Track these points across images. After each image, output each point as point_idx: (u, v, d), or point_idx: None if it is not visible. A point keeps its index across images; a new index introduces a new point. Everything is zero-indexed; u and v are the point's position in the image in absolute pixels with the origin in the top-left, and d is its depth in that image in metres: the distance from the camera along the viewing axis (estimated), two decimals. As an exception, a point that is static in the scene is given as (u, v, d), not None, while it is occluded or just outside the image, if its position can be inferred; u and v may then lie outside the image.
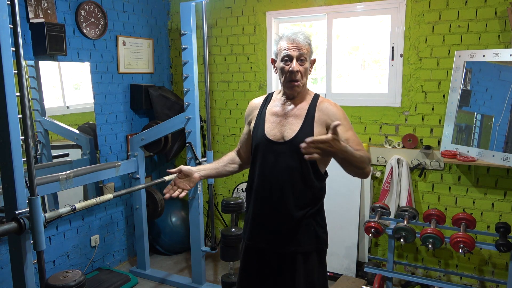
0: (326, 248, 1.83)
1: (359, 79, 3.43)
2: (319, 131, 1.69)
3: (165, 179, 2.92)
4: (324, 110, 1.72)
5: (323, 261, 1.82)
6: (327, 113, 1.71)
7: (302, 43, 1.68)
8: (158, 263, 3.70)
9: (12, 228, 1.76)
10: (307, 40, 1.70)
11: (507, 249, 2.39)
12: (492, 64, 2.72)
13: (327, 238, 1.82)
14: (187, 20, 3.00)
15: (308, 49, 1.71)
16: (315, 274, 1.75)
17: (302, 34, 1.70)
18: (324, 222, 1.83)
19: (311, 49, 1.72)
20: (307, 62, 1.70)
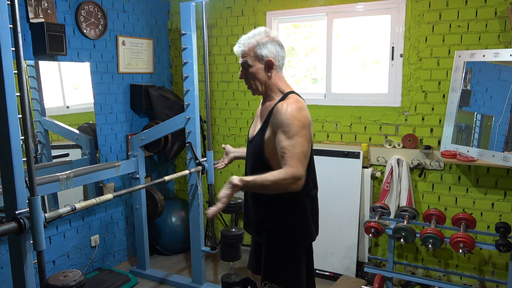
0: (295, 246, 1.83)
1: (359, 79, 3.43)
2: (268, 135, 1.75)
3: (165, 179, 2.92)
4: (275, 113, 1.72)
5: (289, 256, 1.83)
6: (275, 117, 1.72)
7: (241, 51, 1.79)
8: (158, 263, 3.70)
9: (12, 228, 1.76)
10: (244, 47, 1.78)
11: (507, 249, 2.39)
12: (492, 64, 2.72)
13: (298, 237, 1.83)
14: (187, 20, 3.00)
15: (250, 52, 1.77)
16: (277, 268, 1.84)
17: (240, 43, 1.80)
18: (297, 221, 1.83)
19: (256, 51, 1.76)
20: (252, 67, 1.77)
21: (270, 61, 1.77)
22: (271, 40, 1.79)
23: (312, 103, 3.49)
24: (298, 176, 1.61)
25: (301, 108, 1.70)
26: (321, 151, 3.34)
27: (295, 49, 3.71)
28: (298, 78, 3.73)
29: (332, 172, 3.29)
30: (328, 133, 3.47)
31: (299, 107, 1.70)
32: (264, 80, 1.80)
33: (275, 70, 1.80)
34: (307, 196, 1.85)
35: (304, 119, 1.67)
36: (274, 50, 1.78)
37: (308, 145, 1.68)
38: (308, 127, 1.69)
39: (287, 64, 3.69)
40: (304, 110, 1.71)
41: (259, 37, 1.78)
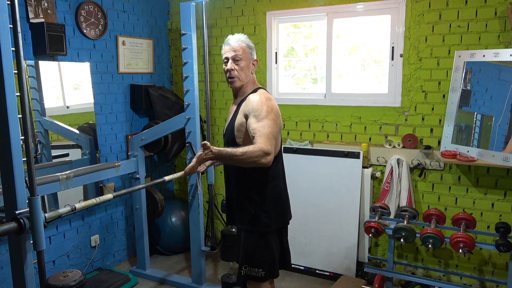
0: (268, 230, 2.03)
1: (359, 79, 3.43)
2: (239, 119, 2.00)
3: (165, 179, 2.92)
4: (246, 102, 2.00)
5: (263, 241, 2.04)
6: (247, 103, 1.98)
7: (235, 45, 2.06)
8: (158, 263, 3.70)
9: (12, 228, 1.76)
10: (239, 43, 2.06)
11: (507, 249, 2.39)
12: (492, 64, 2.72)
13: (270, 221, 2.03)
14: (187, 20, 3.00)
15: (244, 50, 2.06)
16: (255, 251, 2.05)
17: (236, 38, 2.08)
18: (268, 206, 2.03)
19: (248, 50, 2.07)
20: (242, 61, 2.05)
21: (256, 61, 2.14)
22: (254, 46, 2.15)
23: (312, 103, 3.50)
24: (266, 151, 1.81)
25: (270, 98, 1.99)
26: (321, 151, 3.34)
27: (295, 49, 3.71)
28: (298, 78, 3.73)
29: (332, 172, 3.29)
30: (328, 133, 3.47)
31: (267, 97, 1.98)
32: (248, 74, 2.09)
33: (254, 70, 2.14)
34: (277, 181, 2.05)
35: (272, 106, 1.95)
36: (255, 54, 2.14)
37: (276, 127, 1.92)
38: (275, 113, 1.95)
39: (287, 64, 3.70)
40: (272, 100, 1.99)
41: (249, 40, 2.12)
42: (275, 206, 2.06)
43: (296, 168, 3.41)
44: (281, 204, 2.09)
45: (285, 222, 2.13)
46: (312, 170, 3.35)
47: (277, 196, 2.07)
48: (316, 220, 3.34)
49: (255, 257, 2.05)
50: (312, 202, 3.35)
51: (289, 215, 2.18)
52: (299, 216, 3.39)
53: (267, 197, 2.03)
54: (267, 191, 2.03)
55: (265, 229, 2.04)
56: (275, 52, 3.64)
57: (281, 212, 2.09)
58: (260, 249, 2.05)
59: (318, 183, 3.34)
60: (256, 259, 2.05)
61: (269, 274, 2.07)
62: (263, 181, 2.03)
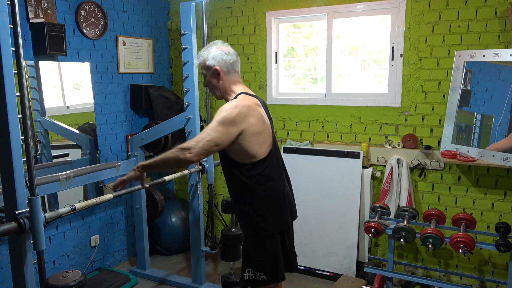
0: (266, 233, 2.01)
1: (359, 79, 3.43)
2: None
3: (165, 179, 2.91)
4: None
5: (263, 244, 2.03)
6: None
7: (196, 65, 2.19)
8: (158, 263, 3.70)
9: (12, 228, 1.76)
10: (198, 60, 2.12)
11: (507, 249, 2.39)
12: (492, 64, 2.72)
13: (266, 224, 2.00)
14: (187, 20, 3.00)
15: (203, 65, 2.09)
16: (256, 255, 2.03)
17: (198, 55, 2.12)
18: (263, 210, 2.01)
19: (206, 63, 2.08)
20: (207, 76, 2.11)
21: (216, 69, 2.06)
22: (219, 50, 2.07)
23: (312, 103, 3.50)
24: (185, 147, 1.87)
25: (237, 106, 1.93)
26: (321, 151, 3.34)
27: (295, 49, 3.71)
28: (298, 78, 3.73)
29: (332, 172, 3.29)
30: (328, 133, 3.47)
31: (235, 105, 1.94)
32: (217, 85, 2.10)
33: (225, 75, 2.08)
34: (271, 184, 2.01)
35: (232, 114, 1.90)
36: (220, 60, 2.06)
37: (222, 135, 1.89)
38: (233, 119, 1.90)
39: (287, 64, 3.70)
40: (239, 107, 1.93)
41: (209, 50, 2.09)
42: (271, 210, 2.01)
43: (296, 168, 3.41)
44: (277, 207, 2.03)
45: (284, 225, 2.07)
46: (312, 170, 3.35)
47: (272, 199, 2.02)
48: (316, 220, 3.34)
49: (257, 261, 2.03)
50: (312, 202, 3.35)
51: (289, 218, 2.11)
52: (299, 216, 3.35)
53: (260, 200, 2.00)
54: (260, 194, 2.00)
55: (262, 233, 2.00)
56: (275, 52, 3.64)
57: (278, 215, 2.03)
58: (260, 253, 2.02)
59: (318, 183, 3.34)
60: (258, 263, 2.02)
61: (272, 278, 2.04)
62: (253, 184, 1.99)
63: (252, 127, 1.93)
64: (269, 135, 2.03)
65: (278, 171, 2.07)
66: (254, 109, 1.97)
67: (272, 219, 2.01)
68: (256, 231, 2.02)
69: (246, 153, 1.96)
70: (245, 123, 1.91)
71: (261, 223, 1.99)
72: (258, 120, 1.96)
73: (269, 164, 2.01)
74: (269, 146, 2.02)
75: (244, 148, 1.94)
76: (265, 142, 1.99)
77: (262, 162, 1.98)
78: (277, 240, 2.03)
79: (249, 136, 1.92)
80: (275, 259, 2.03)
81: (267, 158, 2.00)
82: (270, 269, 2.02)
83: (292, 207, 2.15)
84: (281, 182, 2.07)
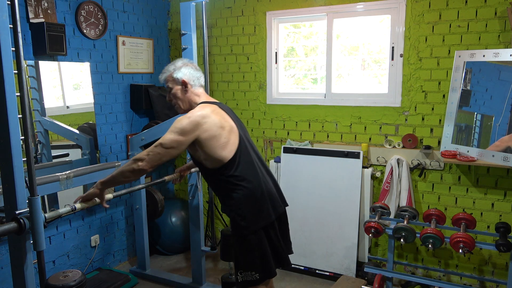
0: (247, 231, 2.04)
1: (359, 79, 3.43)
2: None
3: (165, 179, 2.91)
4: None
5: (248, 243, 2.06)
6: None
7: (162, 80, 2.23)
8: (158, 263, 3.70)
9: (12, 228, 1.76)
10: (164, 75, 2.21)
11: (507, 249, 2.39)
12: (492, 64, 2.72)
13: (246, 223, 2.04)
14: (187, 20, 3.00)
15: (169, 79, 2.19)
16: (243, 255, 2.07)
17: (163, 72, 2.23)
18: (241, 208, 2.05)
19: (173, 77, 2.17)
20: (173, 89, 2.18)
21: (183, 81, 2.16)
22: (185, 65, 2.20)
23: (312, 103, 3.50)
24: (137, 158, 2.00)
25: (190, 116, 2.01)
26: (321, 151, 3.34)
27: (295, 49, 3.71)
28: (298, 78, 3.73)
29: (332, 172, 3.29)
30: (328, 133, 3.47)
31: (189, 115, 2.02)
32: (182, 98, 2.18)
33: (191, 88, 2.17)
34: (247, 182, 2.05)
35: (183, 124, 1.98)
36: (187, 73, 2.17)
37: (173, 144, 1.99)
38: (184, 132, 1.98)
39: (287, 64, 3.70)
40: (192, 117, 2.00)
41: (175, 64, 2.20)
42: (249, 207, 2.04)
43: (296, 168, 3.41)
44: (256, 204, 2.06)
45: (265, 221, 2.07)
46: (312, 170, 3.35)
47: (249, 197, 2.05)
48: (316, 220, 3.34)
49: (246, 260, 2.06)
50: (312, 202, 3.35)
51: (271, 212, 2.10)
52: (299, 216, 3.39)
53: (238, 199, 2.05)
54: (237, 194, 2.04)
55: (243, 231, 2.04)
56: (275, 52, 3.64)
57: (257, 212, 2.05)
58: (247, 252, 2.05)
59: (318, 183, 3.34)
60: (247, 262, 2.06)
61: (264, 275, 2.06)
62: (229, 186, 2.06)
63: (207, 132, 2.00)
64: (231, 137, 2.07)
65: (251, 168, 2.10)
66: (208, 115, 2.03)
67: (251, 217, 2.04)
68: (238, 230, 2.06)
69: (212, 158, 2.04)
70: (198, 130, 1.99)
71: (241, 222, 2.04)
72: (212, 125, 2.02)
73: (239, 164, 2.06)
74: (234, 147, 2.06)
75: (209, 154, 2.03)
76: (227, 144, 2.04)
77: (231, 164, 2.04)
78: (261, 236, 2.05)
79: (207, 141, 2.00)
80: (262, 255, 2.05)
81: (235, 158, 2.05)
82: (260, 267, 2.05)
83: (275, 200, 2.14)
84: (256, 179, 2.09)
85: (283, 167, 3.48)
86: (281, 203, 2.19)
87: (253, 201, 2.05)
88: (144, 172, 2.02)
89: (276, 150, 3.71)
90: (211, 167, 2.07)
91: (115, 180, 2.08)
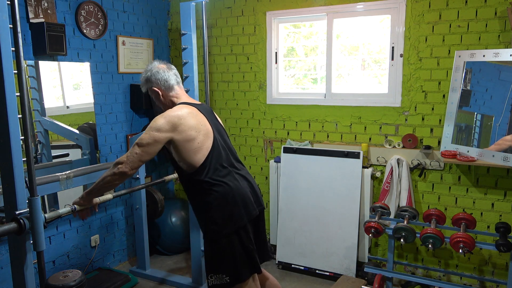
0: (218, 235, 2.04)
1: (359, 79, 3.43)
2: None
3: (165, 179, 2.92)
4: None
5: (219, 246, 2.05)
6: None
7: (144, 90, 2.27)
8: (158, 263, 3.70)
9: (12, 228, 1.76)
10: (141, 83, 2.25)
11: (507, 249, 2.39)
12: (492, 64, 2.72)
13: (217, 227, 2.04)
14: (187, 20, 3.00)
15: (144, 86, 2.23)
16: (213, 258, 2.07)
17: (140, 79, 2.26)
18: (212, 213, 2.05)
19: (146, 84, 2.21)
20: (151, 94, 2.23)
21: (152, 89, 2.20)
22: (154, 70, 2.20)
23: (312, 103, 3.50)
24: (117, 161, 2.00)
25: (166, 116, 2.01)
26: (321, 151, 3.34)
27: (295, 49, 3.71)
28: (298, 78, 3.73)
29: (332, 172, 3.29)
30: (328, 133, 3.47)
31: (164, 115, 2.02)
32: (160, 101, 2.22)
33: (164, 92, 2.19)
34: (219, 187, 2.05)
35: (158, 124, 1.98)
36: (154, 80, 2.18)
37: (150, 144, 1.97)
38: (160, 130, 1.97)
39: (287, 64, 3.70)
40: (167, 117, 2.00)
41: (145, 73, 2.22)
42: (221, 212, 2.03)
43: (296, 168, 3.41)
44: (227, 208, 2.04)
45: (236, 225, 2.04)
46: (312, 170, 3.35)
47: (220, 202, 2.04)
48: (316, 220, 3.34)
49: (215, 264, 2.06)
50: (312, 202, 3.35)
51: (244, 215, 2.07)
52: (299, 216, 3.39)
53: (209, 205, 2.04)
54: (208, 199, 2.04)
55: (214, 235, 2.04)
56: (275, 52, 3.64)
57: (229, 216, 2.04)
58: (217, 255, 2.05)
59: (318, 183, 3.34)
60: (217, 266, 2.05)
61: (234, 279, 2.05)
62: (200, 190, 2.06)
63: (181, 134, 1.99)
64: (205, 142, 2.06)
65: (223, 173, 2.08)
66: (184, 117, 2.02)
67: (222, 221, 2.03)
68: (209, 234, 2.06)
69: (186, 162, 2.04)
70: (173, 130, 1.99)
71: (213, 226, 2.04)
72: (187, 128, 2.01)
73: (209, 169, 2.04)
74: (206, 152, 2.05)
75: (182, 157, 2.03)
76: (200, 149, 2.04)
77: (202, 169, 2.03)
78: (233, 240, 2.04)
79: (181, 144, 2.00)
80: (233, 259, 2.04)
81: (205, 163, 2.03)
82: (231, 270, 2.04)
83: (248, 204, 2.10)
84: (228, 184, 2.07)
85: (283, 167, 3.48)
86: (256, 206, 2.16)
87: (223, 205, 2.04)
88: (125, 174, 1.99)
89: (276, 150, 3.71)
90: (185, 171, 2.07)
91: (99, 187, 2.05)
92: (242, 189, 2.11)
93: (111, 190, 2.19)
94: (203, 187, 2.05)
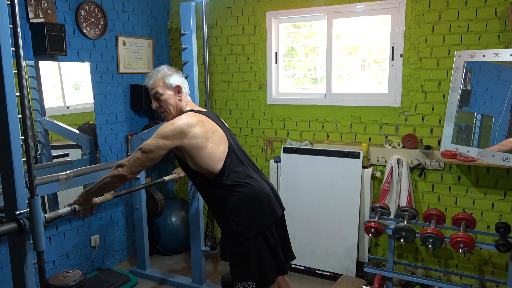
0: (244, 238, 2.00)
1: (359, 79, 3.43)
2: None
3: (165, 179, 2.92)
4: None
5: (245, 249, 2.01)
6: None
7: (150, 85, 2.14)
8: (158, 263, 3.70)
9: (12, 228, 1.76)
10: (153, 79, 2.13)
11: (507, 249, 2.39)
12: (492, 64, 2.72)
13: (242, 229, 2.00)
14: (187, 20, 3.00)
15: (160, 83, 2.11)
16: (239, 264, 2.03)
17: (149, 77, 2.15)
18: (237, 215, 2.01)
19: (165, 81, 2.12)
20: (164, 95, 2.11)
21: (178, 86, 2.13)
22: (176, 71, 2.18)
23: (312, 103, 3.50)
24: (118, 164, 1.98)
25: (174, 123, 1.97)
26: (321, 151, 3.34)
27: (295, 49, 3.71)
28: (298, 78, 3.73)
29: (332, 172, 3.29)
30: (328, 133, 3.47)
31: (172, 122, 1.98)
32: (175, 103, 2.13)
33: (183, 94, 2.15)
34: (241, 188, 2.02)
35: (166, 130, 1.95)
36: (179, 79, 2.15)
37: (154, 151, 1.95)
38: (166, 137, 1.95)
39: (287, 64, 3.70)
40: (176, 124, 1.96)
41: (164, 70, 2.15)
42: (245, 213, 2.00)
43: (296, 168, 3.41)
44: (251, 209, 2.01)
45: (262, 225, 2.01)
46: (312, 170, 3.35)
47: (244, 203, 2.01)
48: (316, 220, 3.34)
49: (241, 270, 2.01)
50: (312, 202, 3.35)
51: (268, 216, 2.05)
52: (299, 216, 3.39)
53: (233, 207, 2.00)
54: (231, 201, 2.01)
55: (240, 238, 1.98)
56: (275, 52, 3.64)
57: (253, 217, 2.00)
58: (242, 260, 2.00)
59: (318, 183, 3.34)
60: (242, 272, 2.01)
61: (261, 284, 2.01)
62: (221, 194, 2.02)
63: (192, 141, 1.96)
64: (220, 146, 2.04)
65: (243, 174, 2.07)
66: (194, 125, 1.99)
67: (247, 222, 1.99)
68: (234, 237, 2.01)
69: (204, 169, 2.01)
70: (182, 139, 1.95)
71: (237, 228, 1.99)
72: (197, 135, 1.98)
73: (230, 172, 2.02)
74: (223, 156, 2.03)
75: (198, 164, 2.00)
76: (215, 154, 2.01)
77: (222, 172, 2.01)
78: (259, 241, 2.00)
79: (194, 151, 1.97)
80: (260, 262, 2.00)
81: (225, 167, 2.01)
82: (256, 275, 2.00)
83: (271, 204, 2.08)
84: (250, 184, 2.05)
85: (283, 167, 3.48)
86: (279, 207, 2.14)
87: (248, 206, 2.01)
88: (125, 178, 1.97)
89: (276, 150, 3.71)
90: (204, 176, 2.04)
91: (99, 187, 2.03)
92: (264, 189, 2.08)
93: (110, 191, 2.18)
94: (226, 189, 2.01)
